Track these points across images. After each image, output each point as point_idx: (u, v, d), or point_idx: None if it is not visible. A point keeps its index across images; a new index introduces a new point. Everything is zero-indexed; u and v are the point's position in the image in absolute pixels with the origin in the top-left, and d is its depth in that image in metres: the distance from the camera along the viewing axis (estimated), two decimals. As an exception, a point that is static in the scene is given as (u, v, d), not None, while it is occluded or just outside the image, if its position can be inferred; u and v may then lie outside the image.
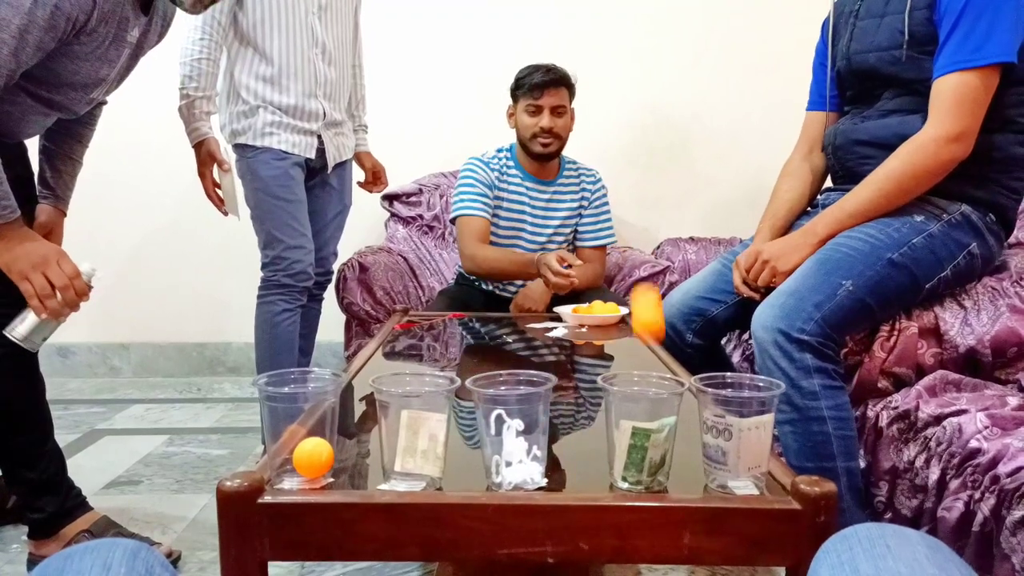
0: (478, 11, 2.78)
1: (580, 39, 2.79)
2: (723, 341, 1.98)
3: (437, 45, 2.81)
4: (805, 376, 1.25)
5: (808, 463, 1.25)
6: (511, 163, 2.18)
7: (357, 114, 2.20)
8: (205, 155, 1.85)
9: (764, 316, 1.30)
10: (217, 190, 1.90)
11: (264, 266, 1.95)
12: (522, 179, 2.17)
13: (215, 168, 1.87)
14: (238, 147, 1.94)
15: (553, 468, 0.85)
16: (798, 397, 1.25)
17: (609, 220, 2.25)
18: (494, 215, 2.16)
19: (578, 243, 2.25)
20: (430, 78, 2.82)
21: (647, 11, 2.80)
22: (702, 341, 1.61)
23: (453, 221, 2.19)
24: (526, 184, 2.17)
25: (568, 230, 2.23)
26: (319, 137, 1.99)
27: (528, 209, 2.18)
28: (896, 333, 1.32)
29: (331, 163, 2.04)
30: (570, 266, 1.92)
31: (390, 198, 2.68)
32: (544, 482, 0.80)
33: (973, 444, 1.08)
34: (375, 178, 2.29)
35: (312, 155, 1.98)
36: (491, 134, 2.40)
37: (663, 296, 2.21)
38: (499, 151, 2.21)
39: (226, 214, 1.92)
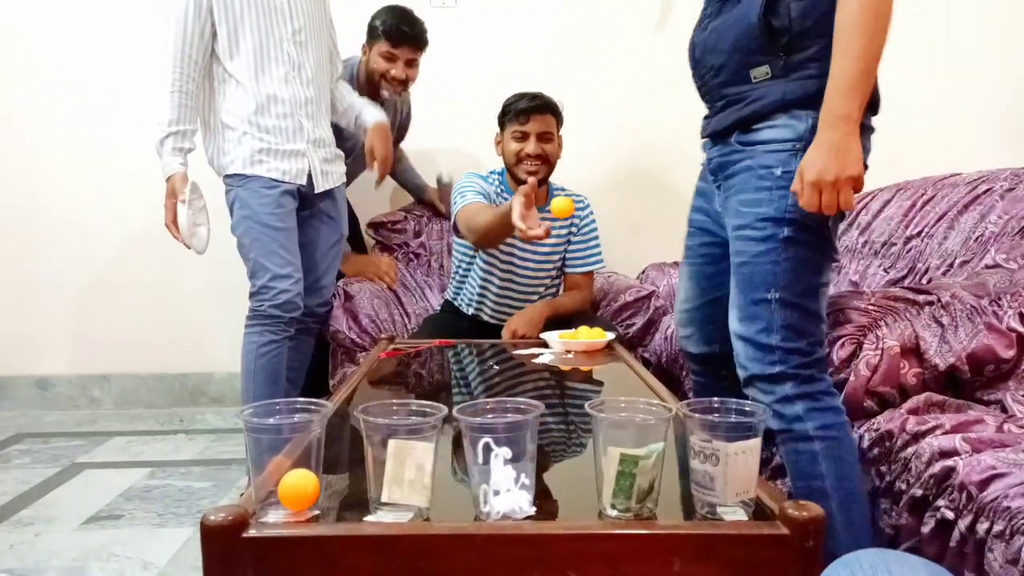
0: (462, 36, 2.81)
1: (564, 62, 2.82)
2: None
3: (421, 71, 2.83)
4: (787, 404, 1.21)
5: (798, 482, 1.22)
6: (503, 187, 2.19)
7: (358, 115, 2.14)
8: (170, 189, 1.87)
9: (741, 369, 1.26)
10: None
11: (251, 296, 1.94)
12: None
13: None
14: (228, 177, 1.93)
15: (541, 496, 0.85)
16: (783, 422, 1.21)
17: (597, 246, 2.27)
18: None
19: (567, 269, 2.26)
20: (414, 104, 2.84)
21: (630, 32, 2.84)
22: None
23: (455, 226, 2.09)
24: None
25: (557, 256, 2.23)
26: (308, 161, 1.97)
27: (518, 234, 2.16)
28: (880, 352, 1.33)
29: (318, 185, 2.01)
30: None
31: (375, 226, 2.68)
32: (532, 511, 0.80)
33: (950, 464, 1.09)
34: (376, 154, 2.08)
35: (303, 181, 1.96)
36: (476, 161, 2.41)
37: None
38: (492, 173, 2.22)
39: (189, 247, 1.92)
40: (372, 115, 2.13)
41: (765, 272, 1.21)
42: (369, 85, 2.33)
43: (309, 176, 1.98)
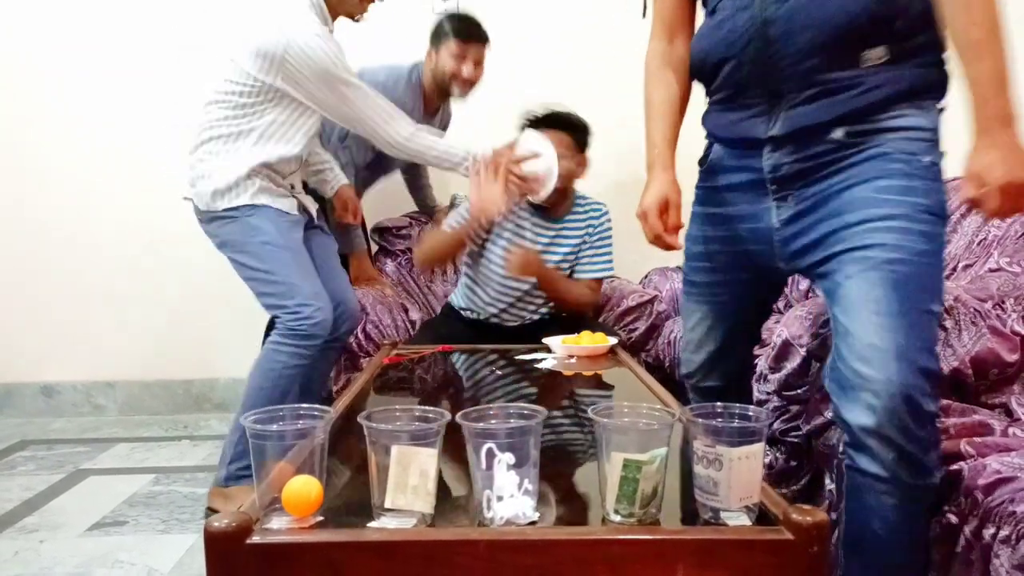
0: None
1: (569, 66, 2.82)
2: None
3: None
4: (927, 452, 0.97)
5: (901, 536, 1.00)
6: None
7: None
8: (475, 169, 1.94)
9: (864, 406, 0.96)
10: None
11: (285, 316, 1.80)
12: (531, 214, 2.16)
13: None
14: (229, 211, 1.82)
15: (545, 502, 0.85)
16: (918, 478, 0.97)
17: (609, 254, 2.22)
18: (492, 243, 2.16)
19: (576, 274, 2.22)
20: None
21: (639, 37, 2.84)
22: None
23: None
24: (533, 219, 2.16)
25: (567, 265, 2.20)
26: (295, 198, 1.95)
27: (529, 245, 2.14)
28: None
29: (311, 205, 2.00)
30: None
31: (380, 231, 2.68)
32: (536, 516, 0.80)
33: (955, 468, 1.09)
34: (350, 208, 2.21)
35: (298, 212, 1.93)
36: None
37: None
38: None
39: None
40: (342, 177, 2.21)
41: (927, 276, 1.00)
42: (437, 89, 2.33)
43: (301, 207, 1.95)
